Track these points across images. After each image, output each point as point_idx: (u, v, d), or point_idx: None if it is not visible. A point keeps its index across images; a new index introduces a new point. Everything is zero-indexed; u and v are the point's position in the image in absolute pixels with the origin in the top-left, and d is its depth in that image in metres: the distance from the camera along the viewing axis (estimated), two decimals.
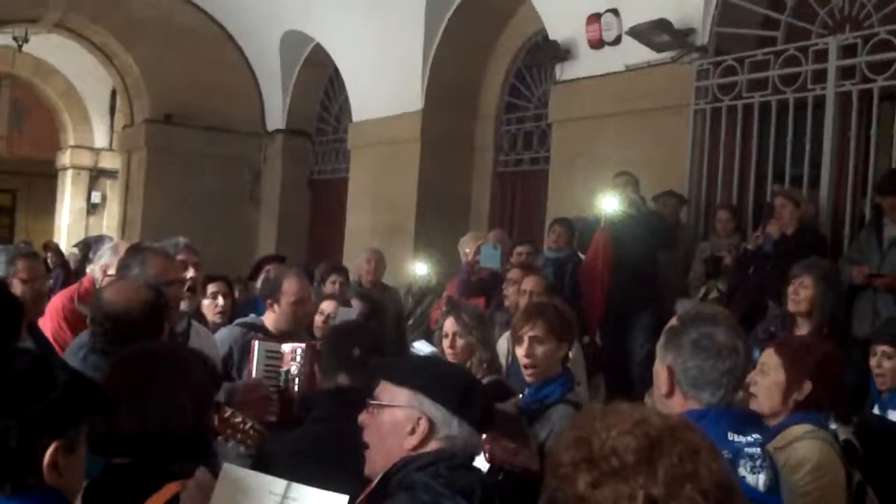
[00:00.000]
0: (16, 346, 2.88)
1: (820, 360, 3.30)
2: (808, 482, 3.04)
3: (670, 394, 2.57)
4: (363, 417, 2.39)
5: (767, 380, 3.30)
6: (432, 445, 2.29)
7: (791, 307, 5.21)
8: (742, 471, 2.34)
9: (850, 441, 3.50)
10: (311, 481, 2.20)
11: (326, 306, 5.75)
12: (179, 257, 4.33)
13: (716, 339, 2.58)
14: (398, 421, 2.31)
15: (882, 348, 4.65)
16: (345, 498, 2.03)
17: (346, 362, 3.25)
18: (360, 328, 4.14)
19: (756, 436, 2.45)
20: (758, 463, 2.39)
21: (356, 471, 2.40)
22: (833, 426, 3.26)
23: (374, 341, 3.38)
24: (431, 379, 2.37)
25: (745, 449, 2.39)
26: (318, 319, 5.55)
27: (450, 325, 4.27)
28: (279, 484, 2.07)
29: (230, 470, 2.13)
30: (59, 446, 1.83)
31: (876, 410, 4.54)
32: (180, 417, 2.33)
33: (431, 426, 2.29)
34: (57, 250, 15.12)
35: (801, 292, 5.16)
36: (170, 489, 2.26)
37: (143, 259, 3.96)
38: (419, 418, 2.30)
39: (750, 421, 2.54)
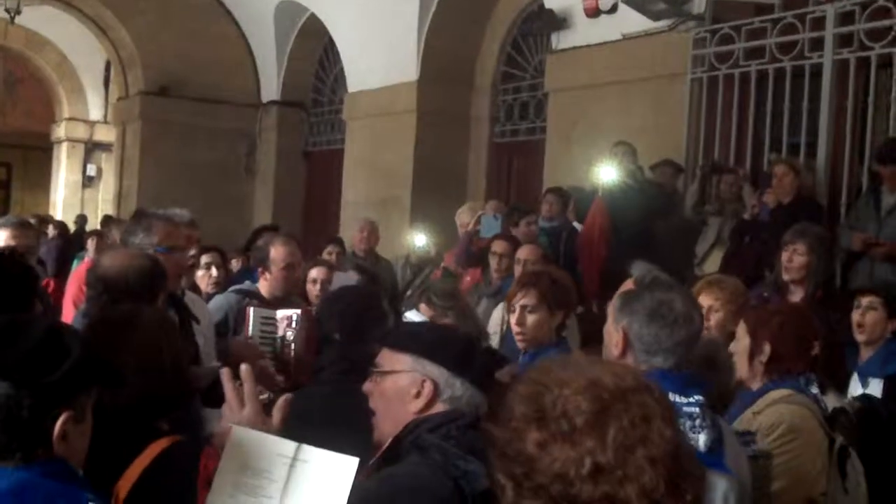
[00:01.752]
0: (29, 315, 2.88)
1: (781, 322, 3.32)
2: (779, 445, 3.07)
3: (623, 355, 2.59)
4: (367, 386, 2.42)
5: (739, 346, 3.37)
6: (438, 407, 2.32)
7: (785, 275, 5.10)
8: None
9: (844, 409, 3.50)
10: (318, 443, 2.19)
11: (316, 273, 5.69)
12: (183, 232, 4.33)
13: (674, 307, 2.57)
14: (402, 386, 2.34)
15: (868, 299, 4.54)
16: (355, 459, 2.01)
17: (342, 326, 3.27)
18: (359, 291, 4.15)
19: (698, 397, 2.48)
20: (697, 423, 2.42)
21: (365, 431, 2.41)
22: (815, 390, 3.26)
23: (370, 304, 3.39)
24: (431, 342, 2.40)
25: (684, 409, 2.42)
26: (311, 287, 5.53)
27: (425, 311, 4.30)
28: (289, 446, 2.06)
29: (239, 432, 2.11)
30: (70, 416, 1.82)
31: (855, 380, 4.44)
32: (161, 376, 2.43)
33: (436, 388, 2.33)
34: (48, 222, 15.04)
35: (794, 259, 5.05)
36: (156, 447, 2.28)
37: (148, 226, 3.95)
38: (423, 381, 2.33)
39: (694, 383, 2.54)
